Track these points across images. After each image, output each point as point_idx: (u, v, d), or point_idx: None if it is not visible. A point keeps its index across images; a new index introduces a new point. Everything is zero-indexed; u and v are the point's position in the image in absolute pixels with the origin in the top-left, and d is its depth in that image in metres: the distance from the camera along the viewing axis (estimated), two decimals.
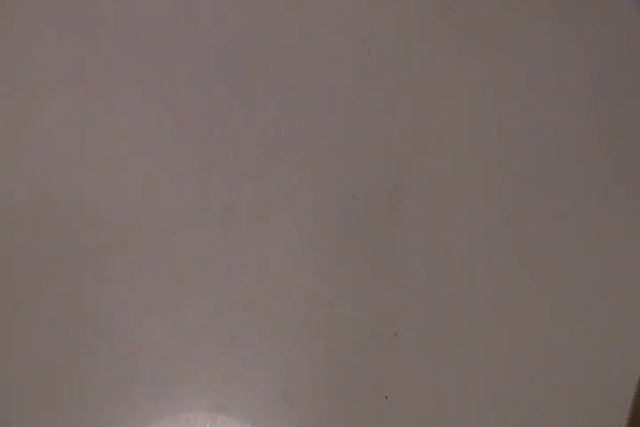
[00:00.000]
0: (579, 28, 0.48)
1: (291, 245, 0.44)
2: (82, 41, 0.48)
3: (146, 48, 0.48)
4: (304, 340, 0.42)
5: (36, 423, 0.41)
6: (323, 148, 0.46)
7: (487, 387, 0.41)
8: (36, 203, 0.45)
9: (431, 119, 0.46)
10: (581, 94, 0.47)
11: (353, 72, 0.47)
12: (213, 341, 0.42)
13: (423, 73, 0.47)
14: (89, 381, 0.41)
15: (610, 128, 0.46)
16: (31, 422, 0.41)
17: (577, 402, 0.41)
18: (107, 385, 0.41)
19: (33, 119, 0.47)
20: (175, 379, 0.42)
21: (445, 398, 0.41)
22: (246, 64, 0.48)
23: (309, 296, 0.43)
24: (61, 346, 0.42)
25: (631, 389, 0.41)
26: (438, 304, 0.43)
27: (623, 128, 0.46)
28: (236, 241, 0.44)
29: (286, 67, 0.48)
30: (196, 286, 0.43)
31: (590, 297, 0.43)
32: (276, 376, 0.42)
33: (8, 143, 0.46)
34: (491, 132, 0.46)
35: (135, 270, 0.44)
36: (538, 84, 0.47)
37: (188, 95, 0.47)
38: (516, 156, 0.46)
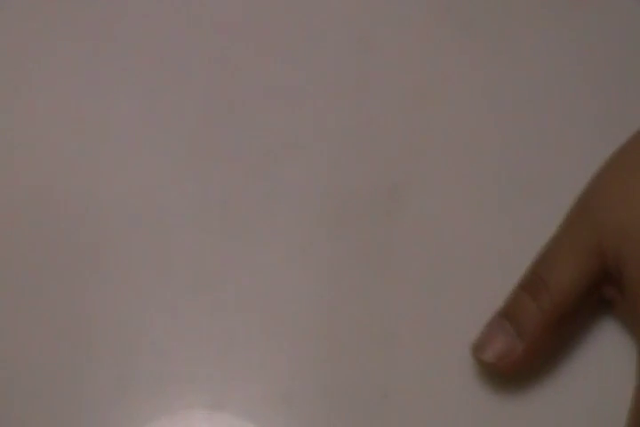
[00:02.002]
0: (579, 28, 0.48)
1: (289, 244, 0.44)
2: (83, 41, 0.48)
3: (145, 47, 0.48)
4: (302, 339, 0.42)
5: (34, 422, 0.41)
6: (321, 147, 0.46)
7: (489, 387, 0.41)
8: (31, 201, 0.45)
9: (431, 118, 0.46)
10: (582, 94, 0.47)
11: (351, 71, 0.47)
12: (211, 339, 0.42)
13: (422, 72, 0.47)
14: (86, 379, 0.41)
15: (610, 127, 0.46)
16: (28, 421, 0.41)
17: (580, 400, 0.41)
18: (104, 383, 0.41)
19: (31, 119, 0.47)
20: (173, 377, 0.41)
21: (445, 398, 0.41)
22: (244, 63, 0.48)
23: (307, 296, 0.43)
24: (58, 344, 0.42)
25: None
26: (438, 304, 0.43)
27: (623, 127, 0.46)
28: (234, 240, 0.44)
29: (284, 65, 0.48)
30: (194, 285, 0.43)
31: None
32: (274, 375, 0.42)
33: (5, 142, 0.46)
34: (491, 131, 0.46)
35: (133, 269, 0.43)
36: (538, 83, 0.47)
37: (186, 94, 0.47)
38: (516, 155, 0.46)
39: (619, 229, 0.39)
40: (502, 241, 0.44)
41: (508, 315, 0.40)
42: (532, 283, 0.40)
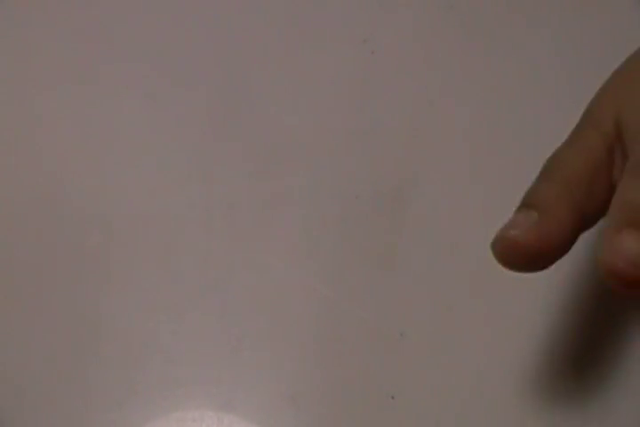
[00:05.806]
0: (580, 28, 0.48)
1: (294, 245, 0.44)
2: (84, 42, 0.48)
3: (147, 49, 0.48)
4: (310, 340, 0.42)
5: (44, 425, 0.41)
6: (326, 148, 0.46)
7: (496, 387, 0.41)
8: (37, 205, 0.45)
9: (435, 119, 0.47)
10: (583, 94, 0.47)
11: (356, 72, 0.47)
12: (219, 341, 0.42)
13: (426, 72, 0.47)
14: (95, 381, 0.41)
15: None
16: (38, 424, 0.41)
17: (588, 401, 0.41)
18: (113, 386, 0.41)
19: (35, 121, 0.47)
20: (181, 379, 0.41)
21: (452, 399, 0.41)
22: (247, 65, 0.48)
23: (314, 297, 0.43)
24: (67, 348, 0.42)
25: None
26: (444, 304, 0.43)
27: None
28: (240, 242, 0.44)
29: (288, 66, 0.48)
30: (200, 287, 0.43)
31: (600, 300, 0.43)
32: (282, 377, 0.42)
33: (10, 144, 0.46)
34: (496, 131, 0.46)
35: (140, 272, 0.44)
36: (543, 84, 0.47)
37: (190, 96, 0.47)
38: (520, 156, 0.46)
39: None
40: None
41: (525, 204, 0.36)
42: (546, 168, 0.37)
